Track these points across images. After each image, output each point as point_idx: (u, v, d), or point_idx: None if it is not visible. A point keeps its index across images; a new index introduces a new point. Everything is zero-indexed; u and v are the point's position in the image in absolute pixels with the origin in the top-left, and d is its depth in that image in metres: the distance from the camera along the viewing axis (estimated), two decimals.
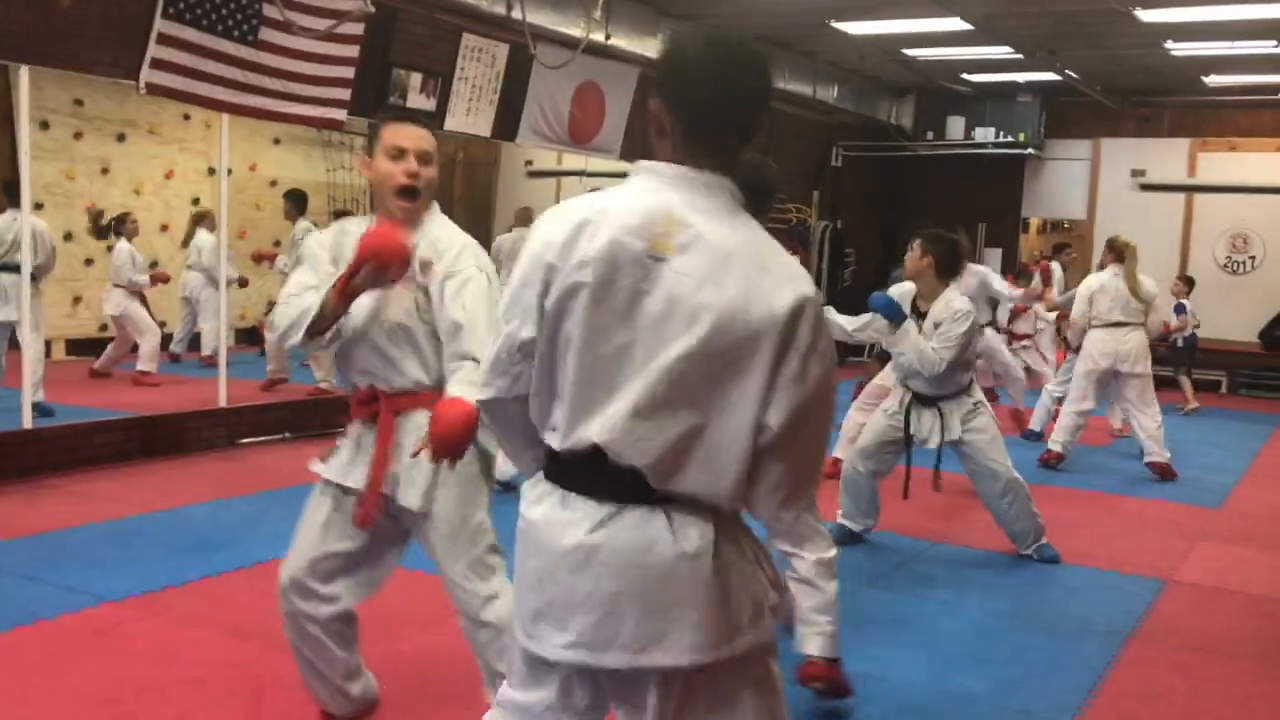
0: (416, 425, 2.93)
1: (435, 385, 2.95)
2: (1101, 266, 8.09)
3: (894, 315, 5.08)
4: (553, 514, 1.82)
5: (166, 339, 9.92)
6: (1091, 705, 3.84)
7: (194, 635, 4.04)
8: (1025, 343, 10.30)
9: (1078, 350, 8.10)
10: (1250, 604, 5.14)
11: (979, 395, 5.46)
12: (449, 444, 2.69)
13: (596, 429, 1.74)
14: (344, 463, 3.09)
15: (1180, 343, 10.70)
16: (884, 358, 9.26)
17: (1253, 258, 12.87)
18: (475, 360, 2.77)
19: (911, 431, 5.35)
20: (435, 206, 3.04)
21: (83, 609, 4.21)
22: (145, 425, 6.93)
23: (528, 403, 1.86)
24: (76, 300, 10.10)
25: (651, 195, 1.77)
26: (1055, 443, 7.89)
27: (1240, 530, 6.48)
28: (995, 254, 13.76)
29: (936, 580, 5.18)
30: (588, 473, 1.78)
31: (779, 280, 1.71)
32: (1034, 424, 8.91)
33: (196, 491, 6.15)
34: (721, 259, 1.70)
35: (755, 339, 1.68)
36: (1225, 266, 12.85)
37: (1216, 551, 5.99)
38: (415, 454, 2.91)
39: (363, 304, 2.93)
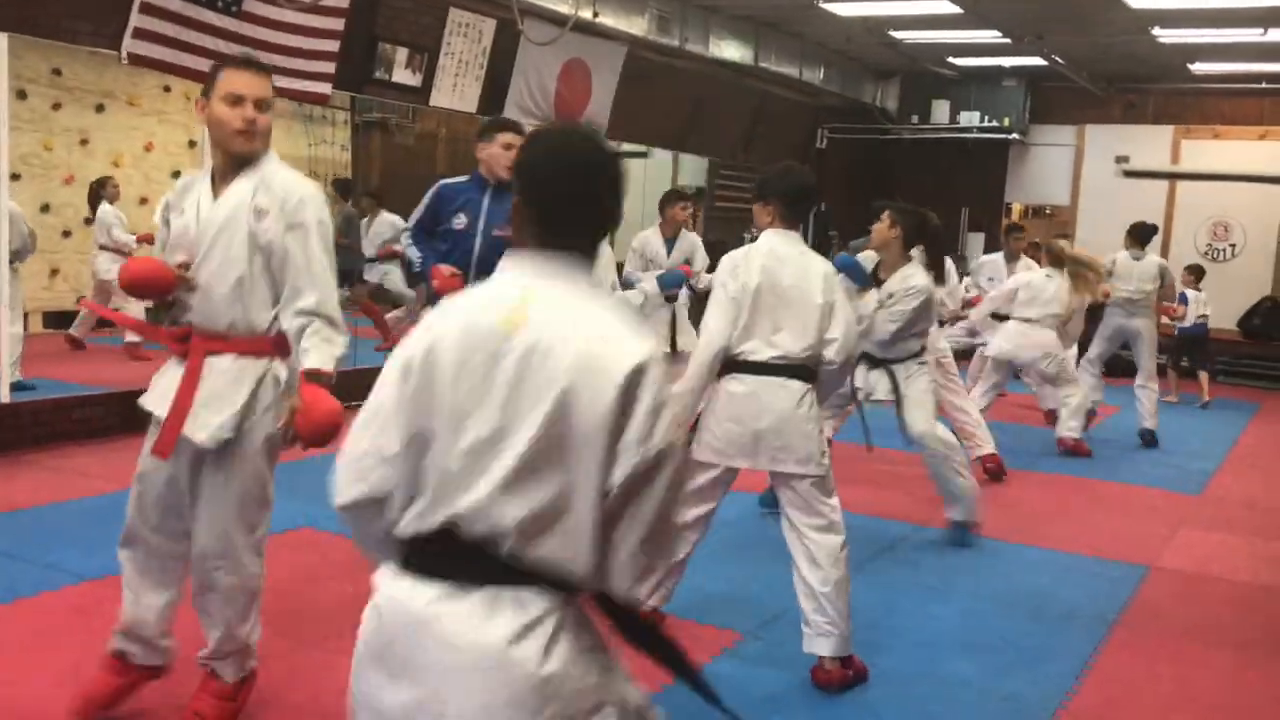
0: (221, 369, 3.01)
1: (248, 332, 3.03)
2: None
3: (859, 278, 5.18)
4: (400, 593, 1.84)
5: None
6: (1080, 690, 3.86)
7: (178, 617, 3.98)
8: None
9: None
10: (1233, 590, 5.18)
11: (926, 361, 5.60)
12: (318, 439, 2.90)
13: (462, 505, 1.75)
14: (159, 394, 3.10)
15: (1176, 331, 10.67)
16: None
17: (1233, 245, 12.93)
18: (322, 317, 2.97)
19: (858, 384, 5.44)
20: (273, 154, 3.10)
21: (62, 586, 4.16)
22: (126, 400, 6.82)
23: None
24: (54, 273, 9.96)
25: (510, 281, 1.85)
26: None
27: (1221, 517, 6.53)
28: (978, 239, 13.78)
29: (923, 566, 5.18)
30: (440, 555, 1.78)
31: (620, 349, 1.74)
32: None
33: None
34: (568, 331, 1.76)
35: (598, 406, 1.71)
36: (1206, 254, 12.90)
37: (1199, 538, 6.03)
38: (283, 432, 3.01)
39: (197, 245, 3.02)
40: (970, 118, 13.38)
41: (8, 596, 4.04)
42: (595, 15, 8.86)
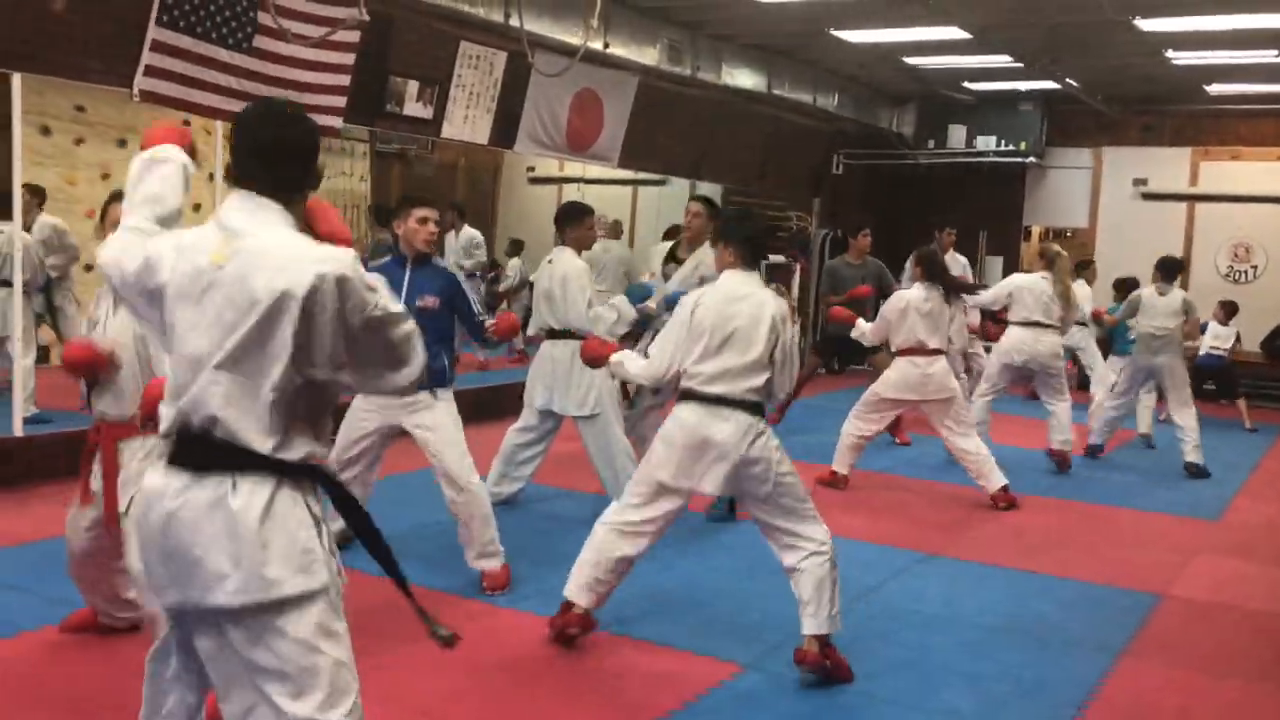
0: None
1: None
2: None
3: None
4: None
5: None
6: None
7: None
8: None
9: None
10: (1246, 619, 5.10)
11: None
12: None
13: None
14: None
15: (1197, 362, 10.56)
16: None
17: (1254, 267, 12.81)
18: None
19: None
20: None
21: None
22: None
23: None
24: (76, 304, 10.10)
25: (218, 225, 2.29)
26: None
27: (1239, 543, 6.43)
28: (997, 262, 13.73)
29: (927, 594, 5.14)
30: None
31: (305, 264, 2.19)
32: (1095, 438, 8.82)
33: None
34: (260, 258, 2.20)
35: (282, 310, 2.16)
36: (1227, 276, 12.80)
37: (1214, 565, 5.95)
38: None
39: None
40: (987, 142, 13.36)
41: (10, 630, 4.08)
42: (606, 46, 8.93)
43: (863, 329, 7.10)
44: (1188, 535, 6.54)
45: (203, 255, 2.24)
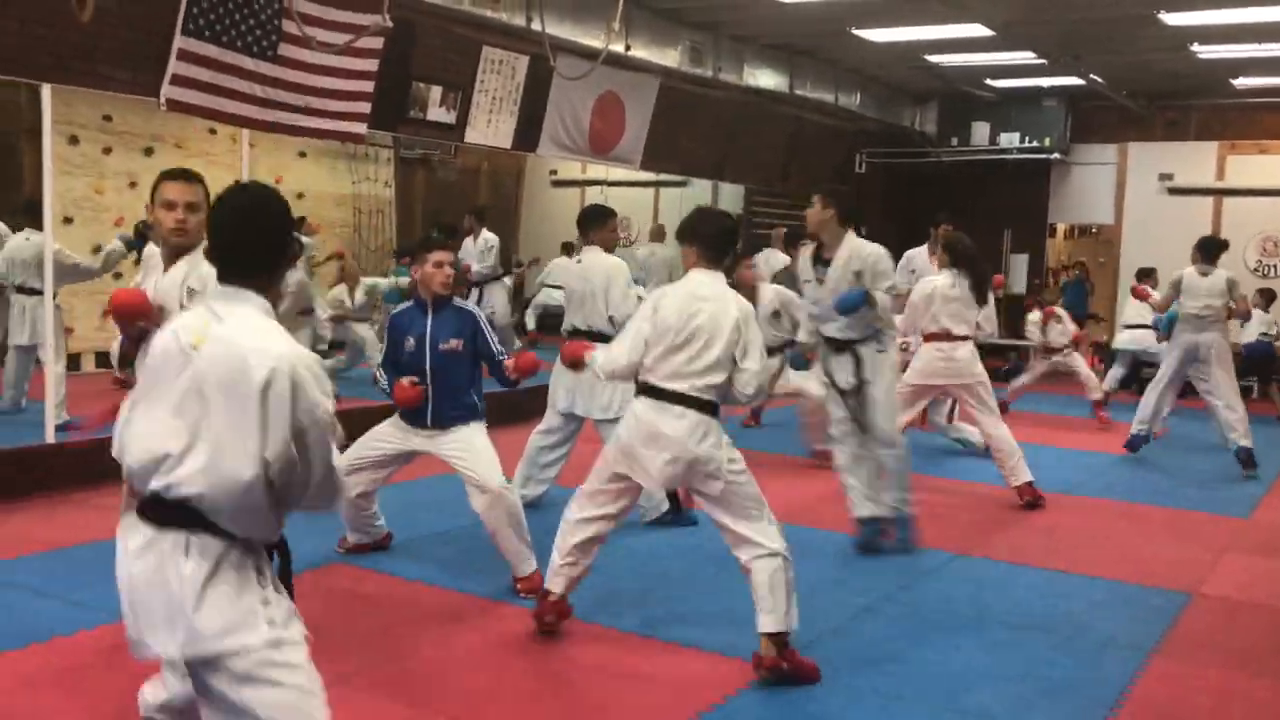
0: None
1: None
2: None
3: (860, 302, 5.40)
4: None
5: None
6: None
7: None
8: (1061, 355, 10.22)
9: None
10: (1278, 618, 5.05)
11: (887, 340, 5.67)
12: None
13: None
14: None
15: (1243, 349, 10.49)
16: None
17: None
18: None
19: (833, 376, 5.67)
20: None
21: (97, 626, 4.22)
22: None
23: None
24: (106, 314, 10.19)
25: (200, 311, 2.49)
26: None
27: (1270, 541, 6.37)
28: (1022, 260, 13.67)
29: (955, 594, 5.12)
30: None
31: (264, 359, 2.32)
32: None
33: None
34: (231, 349, 2.35)
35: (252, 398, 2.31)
36: (1256, 270, 12.68)
37: (1245, 563, 5.90)
38: None
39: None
40: (1010, 139, 13.30)
41: (44, 635, 4.13)
42: (628, 49, 8.94)
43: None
44: (1218, 533, 6.49)
45: (187, 335, 2.42)
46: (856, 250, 5.45)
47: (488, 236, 11.01)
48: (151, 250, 3.91)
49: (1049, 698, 3.96)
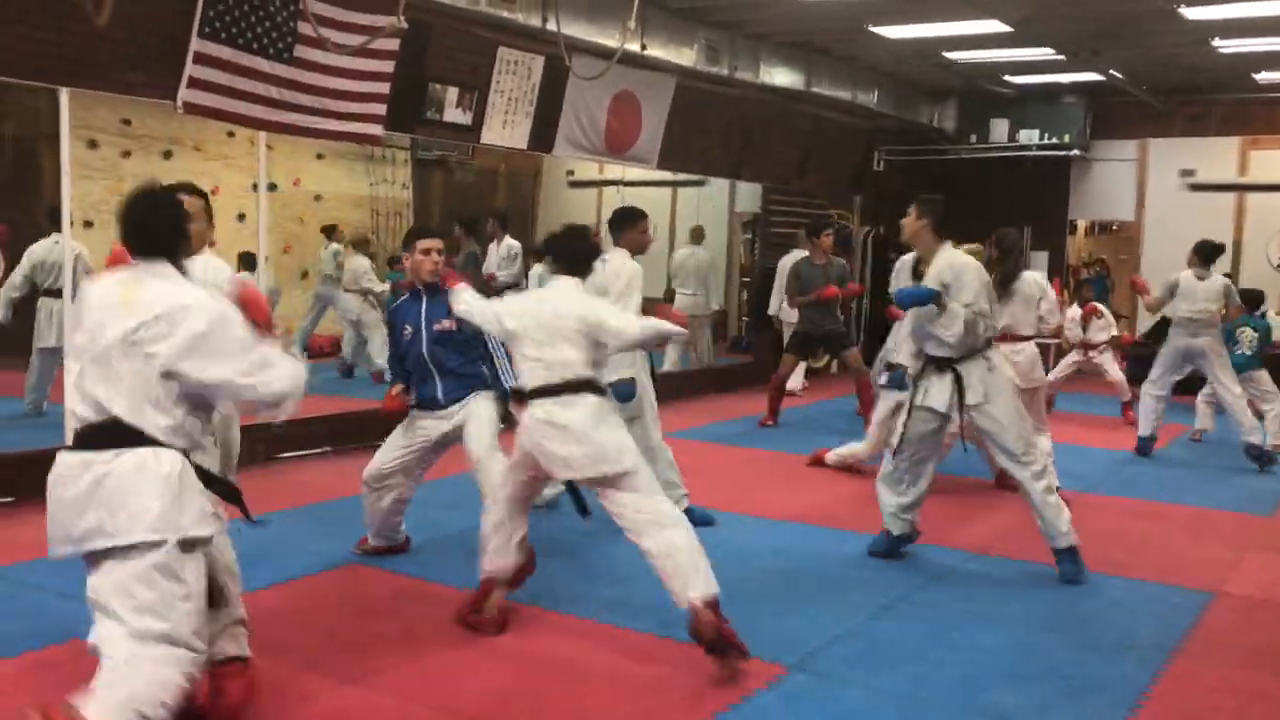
0: None
1: None
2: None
3: (926, 297, 5.17)
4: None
5: None
6: None
7: None
8: (1097, 351, 10.11)
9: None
10: None
11: (996, 357, 5.38)
12: None
13: None
14: None
15: None
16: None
17: None
18: None
19: (930, 404, 5.34)
20: (206, 250, 4.46)
21: None
22: None
23: None
24: None
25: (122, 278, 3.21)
26: None
27: None
28: (1042, 257, 13.56)
29: (975, 594, 5.09)
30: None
31: (175, 302, 3.11)
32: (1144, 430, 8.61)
33: (229, 507, 6.16)
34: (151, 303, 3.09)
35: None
36: (1279, 266, 12.56)
37: (1268, 562, 5.83)
38: None
39: None
40: (1030, 135, 13.22)
41: (62, 636, 4.14)
42: (643, 48, 8.93)
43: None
44: (1240, 532, 6.43)
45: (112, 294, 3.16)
46: (950, 261, 5.27)
47: (511, 244, 11.01)
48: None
49: (1070, 698, 3.93)
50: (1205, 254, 8.32)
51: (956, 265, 5.25)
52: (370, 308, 10.78)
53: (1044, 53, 10.54)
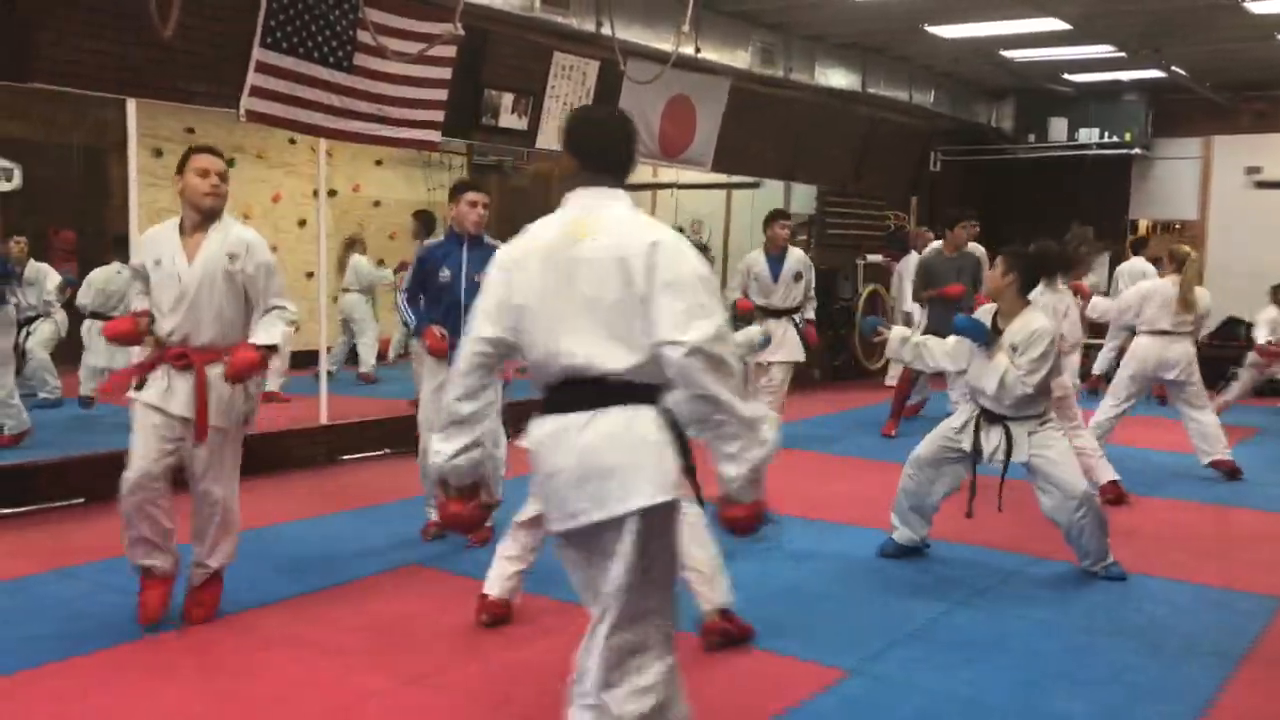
0: (217, 374, 4.20)
1: (228, 345, 4.23)
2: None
3: (980, 336, 5.10)
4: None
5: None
6: None
7: (285, 653, 4.12)
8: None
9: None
10: None
11: (1049, 416, 5.31)
12: (239, 376, 4.21)
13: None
14: (161, 391, 4.21)
15: None
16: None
17: None
18: (279, 309, 4.33)
19: (979, 447, 5.26)
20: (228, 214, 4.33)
21: (182, 626, 4.34)
22: (245, 444, 7.09)
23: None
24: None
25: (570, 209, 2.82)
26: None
27: None
28: (1102, 257, 13.36)
29: (1036, 598, 5.03)
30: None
31: (642, 235, 2.67)
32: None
33: (290, 509, 6.27)
34: (617, 231, 2.70)
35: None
36: None
37: None
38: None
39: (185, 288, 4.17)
40: (1089, 134, 13.04)
41: (136, 634, 4.24)
42: (697, 51, 8.94)
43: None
44: None
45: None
46: (1029, 326, 5.10)
47: (359, 260, 11.05)
48: (150, 235, 4.37)
49: (1135, 703, 3.87)
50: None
51: (1035, 333, 5.09)
52: (368, 307, 11.01)
53: (1104, 50, 10.40)
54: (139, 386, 4.24)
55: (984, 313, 5.37)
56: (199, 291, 4.16)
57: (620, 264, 2.62)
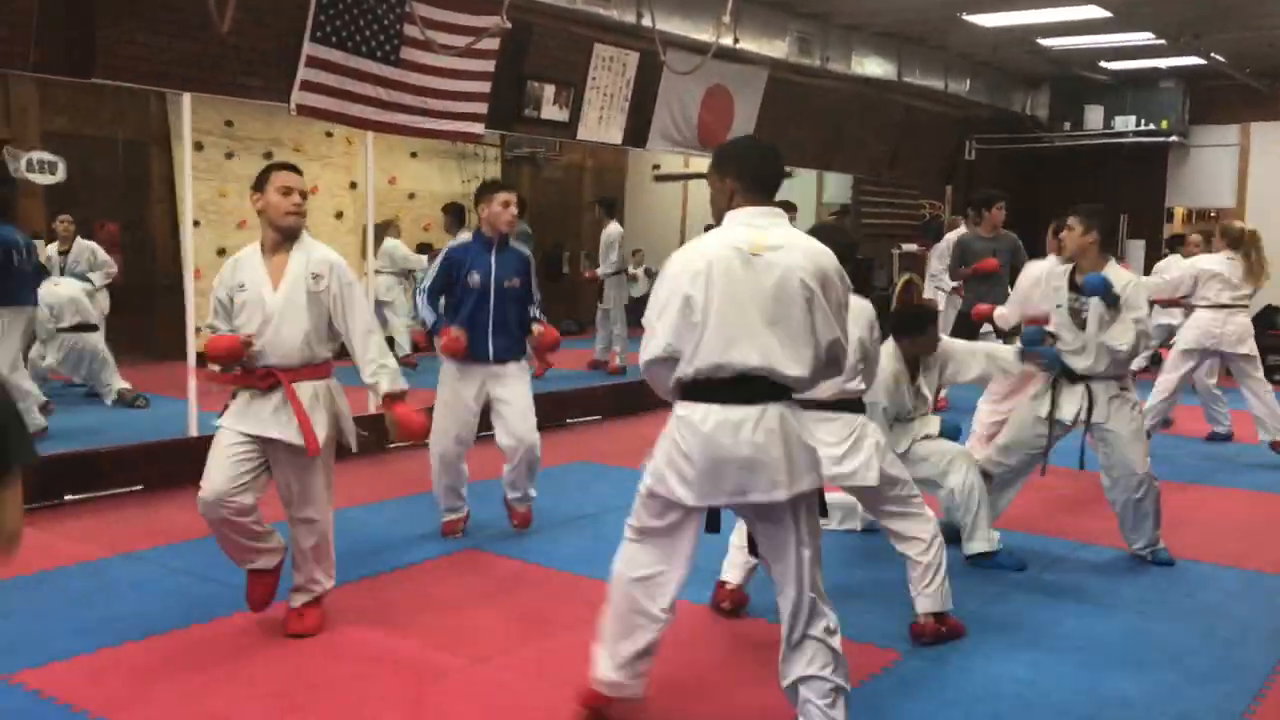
0: (305, 392, 4.12)
1: (313, 363, 4.18)
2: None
3: (1114, 297, 5.07)
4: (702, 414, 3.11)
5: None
6: (1256, 713, 3.73)
7: (355, 634, 4.22)
8: None
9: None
10: None
11: (1128, 381, 5.33)
12: (413, 439, 4.37)
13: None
14: (239, 414, 4.15)
15: None
16: None
17: None
18: (379, 347, 4.24)
19: (1058, 415, 5.27)
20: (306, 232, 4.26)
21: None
22: None
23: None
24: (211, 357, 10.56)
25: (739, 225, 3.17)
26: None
27: None
28: (1138, 245, 13.33)
29: (1087, 584, 5.07)
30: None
31: (821, 251, 3.14)
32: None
33: (346, 496, 6.36)
34: (790, 247, 3.10)
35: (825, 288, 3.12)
36: None
37: None
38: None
39: (270, 311, 4.12)
40: (1126, 122, 12.99)
41: (206, 616, 4.35)
42: (736, 41, 8.99)
43: (1002, 314, 6.87)
44: None
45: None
46: (1121, 277, 5.15)
47: (609, 231, 10.92)
48: (235, 261, 4.25)
49: (1191, 685, 3.91)
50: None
51: (1130, 284, 5.15)
52: (402, 291, 11.01)
53: (1143, 38, 10.36)
54: (221, 413, 4.21)
55: (1005, 314, 5.67)
56: (283, 314, 4.10)
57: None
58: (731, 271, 3.04)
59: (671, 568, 3.29)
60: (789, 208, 8.42)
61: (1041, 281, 6.63)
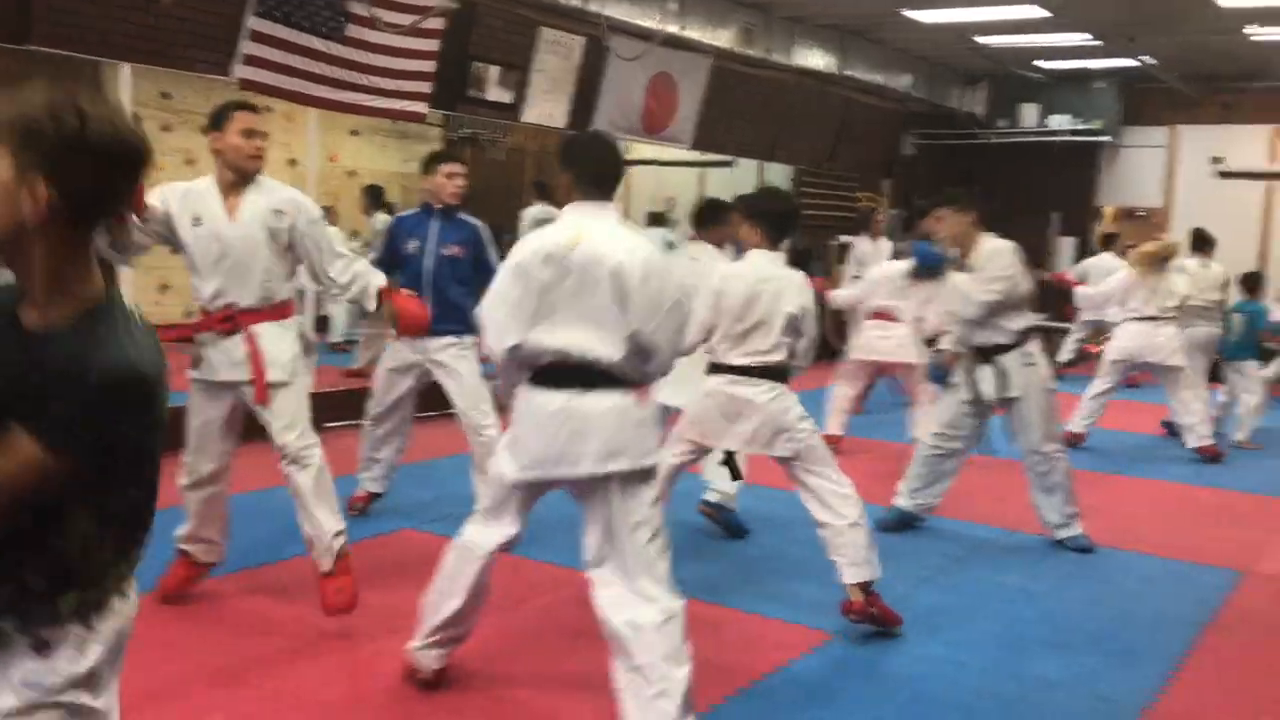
0: (265, 332, 4.04)
1: (274, 303, 4.08)
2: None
3: (938, 263, 5.39)
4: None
5: None
6: (1169, 692, 3.89)
7: (292, 611, 4.22)
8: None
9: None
10: None
11: (1035, 351, 5.49)
12: (417, 332, 4.58)
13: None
14: (227, 364, 4.05)
15: None
16: None
17: None
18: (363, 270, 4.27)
19: (982, 395, 5.46)
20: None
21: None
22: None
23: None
24: (164, 287, 10.43)
25: (569, 221, 3.29)
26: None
27: None
28: (1069, 243, 13.63)
29: (1011, 568, 5.22)
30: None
31: (636, 250, 3.23)
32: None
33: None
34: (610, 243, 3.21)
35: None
36: None
37: None
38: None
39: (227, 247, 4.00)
40: (1060, 121, 13.25)
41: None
42: (682, 29, 9.04)
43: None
44: (1270, 513, 6.54)
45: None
46: (985, 248, 5.33)
47: (530, 211, 10.87)
48: (176, 190, 4.04)
49: (1110, 667, 4.06)
50: (1206, 243, 8.53)
51: (993, 250, 5.34)
52: None
53: (1079, 38, 10.60)
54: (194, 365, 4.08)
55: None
56: (243, 247, 3.97)
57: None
58: (545, 266, 3.17)
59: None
60: (726, 206, 8.03)
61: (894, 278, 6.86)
